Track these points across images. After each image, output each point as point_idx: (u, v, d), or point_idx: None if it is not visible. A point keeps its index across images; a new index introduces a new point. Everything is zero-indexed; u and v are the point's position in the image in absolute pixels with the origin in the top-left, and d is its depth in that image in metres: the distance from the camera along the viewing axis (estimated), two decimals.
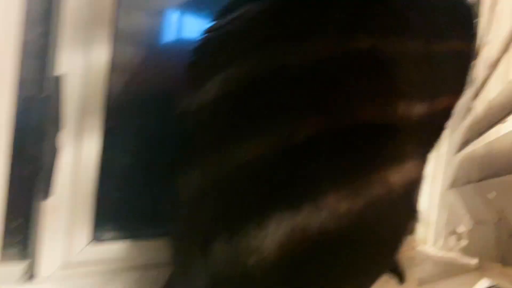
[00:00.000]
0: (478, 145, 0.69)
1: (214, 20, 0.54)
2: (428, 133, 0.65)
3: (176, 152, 0.51)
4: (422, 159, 0.59)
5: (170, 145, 0.52)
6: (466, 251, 0.80)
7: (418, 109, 0.57)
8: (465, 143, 0.74)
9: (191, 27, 0.66)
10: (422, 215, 0.93)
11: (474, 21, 0.71)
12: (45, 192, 0.50)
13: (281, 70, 0.47)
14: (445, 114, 0.69)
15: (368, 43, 0.51)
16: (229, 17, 0.52)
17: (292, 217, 0.44)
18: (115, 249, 0.57)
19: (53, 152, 0.49)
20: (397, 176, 0.49)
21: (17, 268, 0.51)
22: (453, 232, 0.88)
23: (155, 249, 0.59)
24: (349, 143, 0.48)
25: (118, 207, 0.58)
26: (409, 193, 0.55)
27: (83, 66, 0.51)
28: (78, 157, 0.52)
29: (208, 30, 0.54)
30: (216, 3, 0.58)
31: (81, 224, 0.54)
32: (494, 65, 0.64)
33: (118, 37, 0.55)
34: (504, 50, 0.61)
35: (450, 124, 0.85)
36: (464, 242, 0.84)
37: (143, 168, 0.60)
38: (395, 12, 0.56)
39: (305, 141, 0.46)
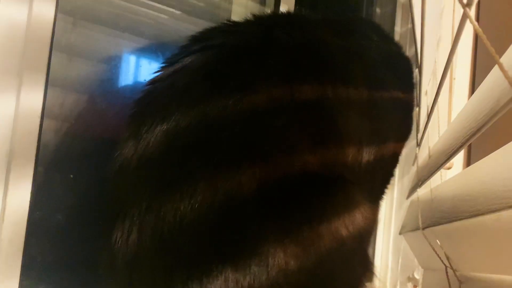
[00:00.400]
0: (422, 191, 0.70)
1: (157, 71, 0.54)
2: (377, 180, 0.65)
3: (111, 208, 0.48)
4: (373, 207, 0.58)
5: (105, 200, 0.49)
6: None
7: (366, 155, 0.57)
8: (413, 189, 0.75)
9: (135, 75, 0.65)
10: (378, 261, 0.93)
11: (413, 73, 0.75)
12: None
13: (223, 121, 0.46)
14: (392, 160, 0.71)
15: (314, 92, 0.52)
16: (172, 69, 0.52)
17: (240, 278, 0.41)
18: None
19: None
20: (348, 228, 0.48)
21: None
22: (410, 279, 0.88)
23: None
24: (295, 196, 0.47)
25: (48, 270, 0.53)
26: (361, 244, 0.54)
27: (13, 113, 0.48)
28: (3, 212, 0.48)
29: (151, 82, 0.53)
30: (157, 51, 0.58)
31: None
32: (433, 112, 0.66)
33: (55, 84, 0.53)
34: (442, 97, 0.64)
35: (399, 169, 0.88)
36: None
37: (76, 225, 0.56)
38: (339, 63, 0.58)
39: (248, 195, 0.44)
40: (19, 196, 0.49)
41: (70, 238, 0.56)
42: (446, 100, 0.81)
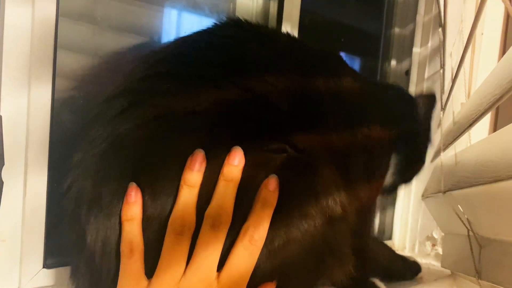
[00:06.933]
0: (446, 156, 0.69)
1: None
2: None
3: None
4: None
5: None
6: (441, 259, 0.80)
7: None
8: (437, 153, 0.74)
9: None
10: (397, 221, 0.93)
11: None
12: None
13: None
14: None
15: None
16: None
17: None
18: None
19: None
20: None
21: None
22: (428, 238, 0.88)
23: None
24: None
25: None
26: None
27: (26, 104, 0.49)
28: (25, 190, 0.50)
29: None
30: None
31: (32, 255, 0.52)
32: (458, 74, 0.64)
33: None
34: (467, 60, 0.61)
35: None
36: (439, 249, 0.84)
37: None
38: None
39: None
40: (37, 176, 0.51)
41: None
42: (472, 61, 0.78)
